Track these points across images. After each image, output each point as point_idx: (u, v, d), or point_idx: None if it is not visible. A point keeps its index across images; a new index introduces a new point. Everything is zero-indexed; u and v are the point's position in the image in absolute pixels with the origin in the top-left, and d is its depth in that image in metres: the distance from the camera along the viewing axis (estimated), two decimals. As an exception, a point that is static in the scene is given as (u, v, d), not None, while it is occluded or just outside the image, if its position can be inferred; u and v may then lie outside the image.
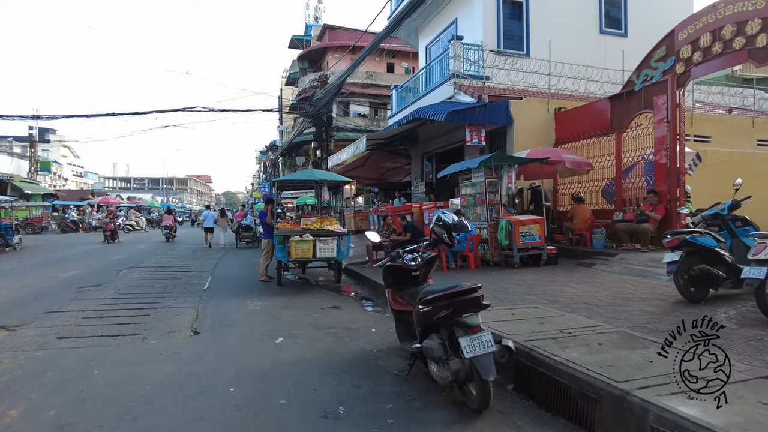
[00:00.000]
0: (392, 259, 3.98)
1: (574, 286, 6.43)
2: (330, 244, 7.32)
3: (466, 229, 3.99)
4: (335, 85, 15.54)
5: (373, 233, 4.49)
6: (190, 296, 7.25)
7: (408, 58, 34.75)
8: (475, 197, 8.80)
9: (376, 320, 5.64)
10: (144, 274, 9.75)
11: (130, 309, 6.24)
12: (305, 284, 8.48)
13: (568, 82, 12.07)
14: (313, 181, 8.25)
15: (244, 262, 12.17)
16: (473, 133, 11.15)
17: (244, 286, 8.33)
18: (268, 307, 6.42)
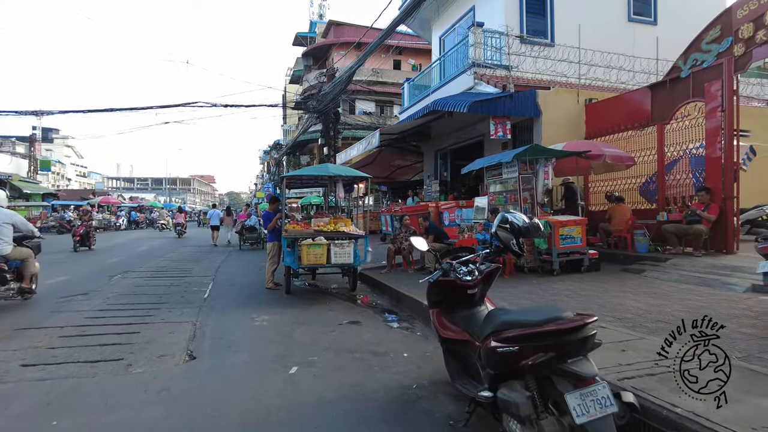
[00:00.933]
0: (444, 272, 3.08)
1: (634, 298, 5.52)
2: (346, 249, 6.43)
3: (539, 232, 3.09)
4: (344, 77, 14.65)
5: (420, 240, 3.59)
6: (188, 307, 6.38)
7: (415, 54, 34.01)
8: (506, 195, 7.89)
9: (406, 341, 4.74)
10: (139, 280, 8.89)
11: (118, 324, 5.36)
12: (317, 292, 7.59)
13: (598, 72, 11.15)
14: (325, 177, 7.35)
15: (248, 266, 11.30)
16: (498, 126, 10.24)
17: (248, 294, 7.45)
18: (277, 322, 5.53)
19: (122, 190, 78.05)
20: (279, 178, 7.51)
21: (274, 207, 8.01)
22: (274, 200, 8.12)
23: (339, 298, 7.02)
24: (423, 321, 5.47)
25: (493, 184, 8.25)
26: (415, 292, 6.33)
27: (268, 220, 7.79)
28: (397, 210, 12.21)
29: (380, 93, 32.11)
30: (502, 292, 6.06)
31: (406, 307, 6.13)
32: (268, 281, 7.81)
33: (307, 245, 6.35)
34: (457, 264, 3.10)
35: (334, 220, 7.30)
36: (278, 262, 7.90)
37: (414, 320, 5.58)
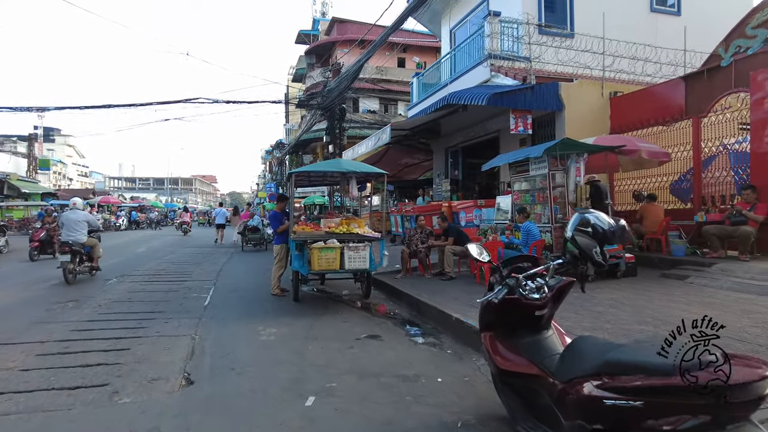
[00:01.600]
0: (510, 289, 2.44)
1: (688, 309, 4.87)
2: (361, 253, 5.79)
3: (626, 238, 2.45)
4: (351, 71, 14.02)
5: (478, 247, 2.93)
6: (186, 317, 5.76)
7: (420, 52, 33.44)
8: (534, 193, 7.25)
9: (436, 361, 4.10)
10: (136, 285, 8.27)
11: (107, 339, 4.74)
12: (327, 300, 6.96)
13: (623, 63, 10.49)
14: (337, 173, 6.71)
15: (251, 269, 10.68)
16: (518, 120, 9.59)
17: (253, 301, 6.82)
18: (287, 336, 4.90)
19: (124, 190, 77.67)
20: (287, 174, 6.72)
21: (281, 206, 7.37)
22: (282, 198, 7.48)
23: (352, 307, 6.39)
24: (451, 335, 4.85)
25: (518, 181, 7.61)
26: (438, 300, 5.70)
27: (275, 220, 7.16)
28: (408, 210, 11.57)
29: (385, 91, 31.49)
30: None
31: (428, 319, 5.49)
32: (274, 287, 7.19)
33: (318, 249, 5.72)
34: (523, 278, 2.47)
35: (346, 220, 6.67)
36: (285, 266, 7.28)
37: (440, 334, 4.95)
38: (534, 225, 6.70)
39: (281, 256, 7.18)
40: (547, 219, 6.99)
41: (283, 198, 7.53)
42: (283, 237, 7.20)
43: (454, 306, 5.36)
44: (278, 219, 7.21)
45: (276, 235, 7.21)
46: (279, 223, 7.17)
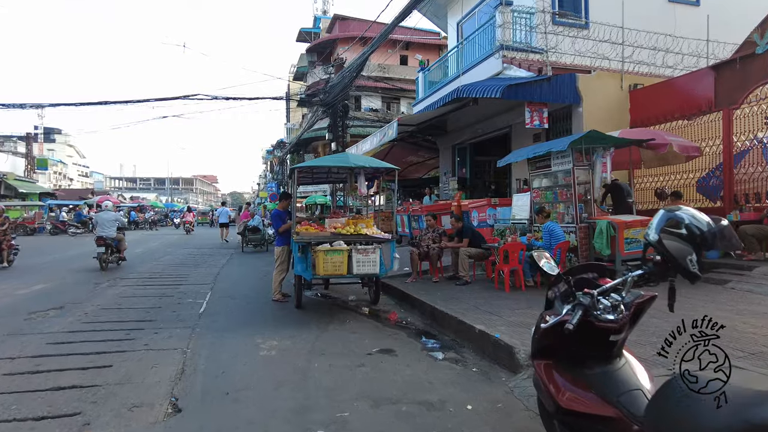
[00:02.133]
0: (584, 309, 1.89)
1: (739, 319, 4.35)
2: (371, 256, 5.26)
3: (733, 243, 1.92)
4: (355, 65, 13.49)
5: (543, 256, 2.33)
6: (179, 327, 5.24)
7: (422, 49, 32.99)
8: (556, 191, 6.71)
9: (462, 382, 3.57)
10: (127, 289, 7.75)
11: (87, 354, 4.22)
12: (332, 306, 6.42)
13: (642, 54, 9.94)
14: (344, 169, 6.16)
15: (251, 272, 10.16)
16: (533, 114, 9.04)
17: (252, 309, 6.29)
18: (289, 350, 4.36)
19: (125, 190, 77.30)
20: (290, 169, 6.15)
21: (285, 205, 6.84)
22: (285, 196, 6.94)
23: (360, 315, 5.85)
24: (473, 349, 4.32)
25: (538, 178, 7.07)
26: (456, 308, 5.17)
27: (278, 220, 6.62)
28: (415, 209, 11.03)
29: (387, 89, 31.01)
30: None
31: (446, 329, 4.95)
32: (275, 292, 6.66)
33: (323, 251, 5.18)
34: (598, 293, 1.92)
35: (353, 220, 6.14)
36: (287, 269, 6.75)
37: (461, 348, 4.41)
38: (557, 225, 6.16)
39: (282, 258, 6.65)
40: (571, 218, 6.45)
41: (287, 196, 7.00)
42: (284, 238, 6.67)
43: (474, 315, 4.83)
44: (281, 219, 6.67)
45: (277, 236, 6.68)
46: (281, 223, 6.64)
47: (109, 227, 10.28)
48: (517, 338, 3.95)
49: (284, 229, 6.56)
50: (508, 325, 4.41)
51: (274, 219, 6.81)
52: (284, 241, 6.69)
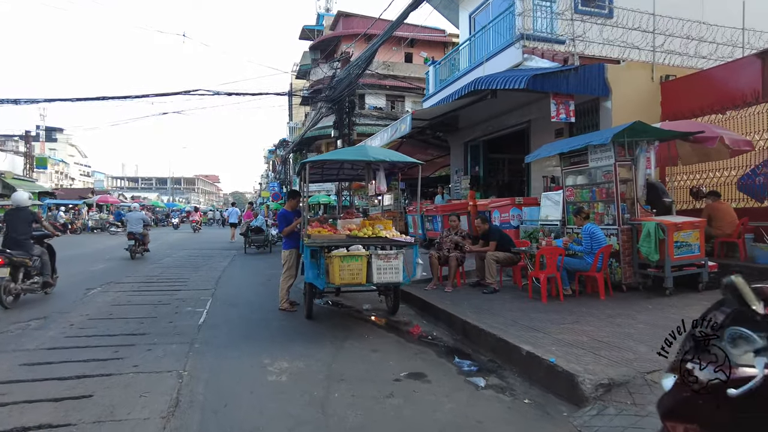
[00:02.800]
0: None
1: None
2: (393, 262, 4.61)
3: None
4: (363, 58, 12.84)
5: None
6: (174, 342, 4.61)
7: (427, 46, 32.45)
8: (594, 189, 6.05)
9: (515, 418, 2.93)
10: (121, 296, 7.13)
11: (64, 379, 3.58)
12: (346, 317, 5.79)
13: (674, 44, 9.28)
14: (362, 162, 5.45)
15: (254, 275, 9.53)
16: (559, 107, 8.39)
17: (257, 319, 5.66)
18: (302, 374, 3.73)
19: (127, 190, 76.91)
20: (300, 164, 5.44)
21: (293, 204, 6.21)
22: (293, 195, 6.29)
23: (379, 328, 5.21)
24: (518, 372, 3.68)
25: (572, 175, 6.41)
26: (491, 322, 4.52)
27: (285, 221, 5.99)
28: (429, 209, 10.38)
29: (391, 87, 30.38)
30: (613, 326, 4.23)
31: (481, 347, 4.31)
32: (283, 300, 6.03)
33: (339, 257, 4.54)
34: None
35: (369, 221, 5.49)
36: (296, 275, 6.12)
37: (503, 371, 3.77)
38: (597, 228, 5.51)
39: (291, 263, 6.01)
40: (612, 220, 5.79)
41: (295, 194, 6.35)
42: (292, 241, 6.04)
43: (516, 332, 4.18)
44: (288, 220, 6.03)
45: (285, 238, 6.05)
46: (287, 224, 6.00)
47: (137, 224, 12.71)
48: (576, 363, 3.31)
49: (289, 231, 5.92)
50: (558, 345, 3.77)
51: (281, 220, 6.17)
52: (292, 243, 6.05)
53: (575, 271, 5.53)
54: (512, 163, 14.83)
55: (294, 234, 6.03)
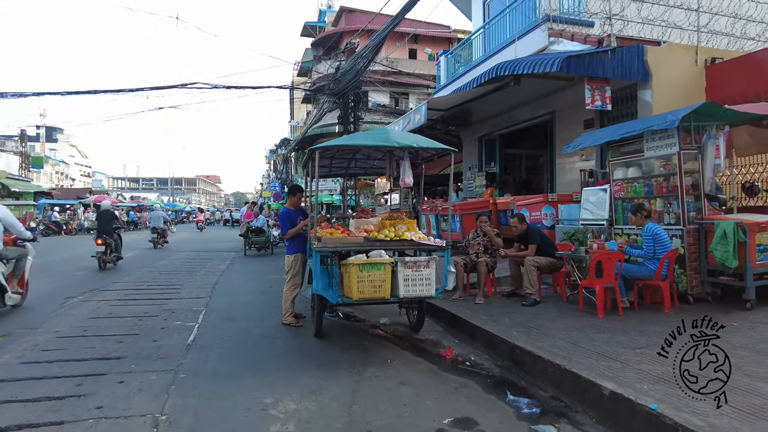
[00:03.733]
0: None
1: None
2: (424, 272, 3.73)
3: None
4: (371, 46, 11.95)
5: None
6: (155, 370, 3.74)
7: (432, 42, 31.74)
8: (650, 183, 5.16)
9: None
10: (103, 306, 6.27)
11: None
12: (361, 334, 4.91)
13: (720, 23, 8.39)
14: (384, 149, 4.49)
15: (254, 281, 8.66)
16: (594, 93, 7.52)
17: (256, 336, 4.79)
18: (315, 421, 2.85)
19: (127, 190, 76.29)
20: (308, 151, 4.51)
21: (295, 201, 5.34)
22: (295, 191, 5.41)
23: (402, 348, 4.33)
24: (596, 417, 2.79)
25: (622, 167, 5.52)
26: (548, 347, 3.64)
27: (287, 221, 5.12)
28: (446, 208, 9.47)
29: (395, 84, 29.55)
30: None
31: (537, 377, 3.42)
32: (287, 314, 5.16)
33: (357, 265, 3.65)
34: None
35: (390, 220, 4.61)
36: (301, 284, 5.25)
37: (573, 413, 2.89)
38: (661, 228, 4.62)
39: (296, 270, 5.14)
40: (675, 218, 4.90)
41: (297, 190, 5.47)
42: (297, 244, 5.17)
43: (582, 359, 3.30)
44: (290, 220, 5.16)
45: (289, 242, 5.18)
46: (290, 225, 5.13)
47: (158, 221, 15.76)
48: (689, 412, 2.43)
49: (294, 234, 5.05)
50: (647, 380, 2.89)
51: (283, 220, 5.29)
52: (297, 247, 5.18)
53: (634, 279, 4.65)
54: (528, 158, 13.98)
55: (299, 236, 5.17)
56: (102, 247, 9.74)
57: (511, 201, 8.76)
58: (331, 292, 4.06)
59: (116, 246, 10.39)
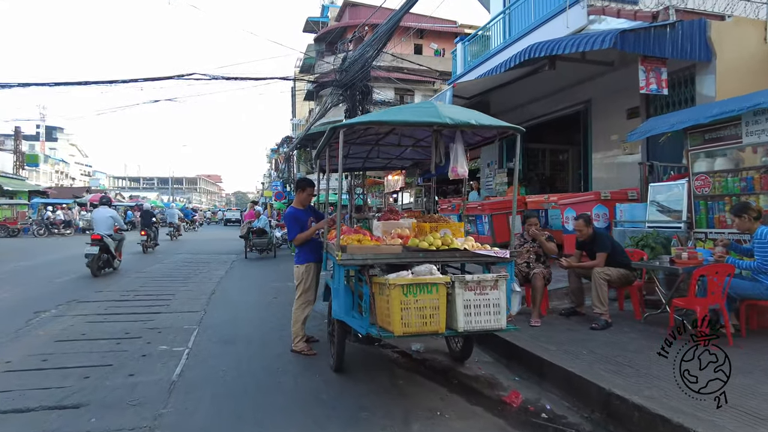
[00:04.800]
0: None
1: None
2: (492, 295, 2.71)
3: None
4: (382, 31, 10.94)
5: None
6: (122, 430, 2.73)
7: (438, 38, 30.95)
8: (748, 177, 4.14)
9: None
10: (77, 324, 5.27)
11: None
12: (391, 366, 3.90)
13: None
14: (433, 125, 3.25)
15: (256, 289, 7.66)
16: (650, 74, 6.50)
17: (259, 373, 3.78)
18: None
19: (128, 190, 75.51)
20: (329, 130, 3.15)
21: (304, 198, 4.34)
22: (304, 184, 4.38)
23: (450, 391, 3.31)
24: None
25: (705, 158, 4.51)
26: (660, 397, 2.61)
27: (295, 224, 4.13)
28: (472, 207, 8.49)
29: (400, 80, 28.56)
30: None
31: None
32: (297, 338, 4.16)
33: (401, 286, 2.63)
34: None
35: (431, 222, 3.60)
36: (314, 300, 4.26)
37: None
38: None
39: (307, 284, 4.15)
40: (789, 221, 3.88)
41: (307, 184, 4.45)
42: (308, 252, 4.18)
43: (728, 423, 2.28)
44: (299, 221, 4.17)
45: (299, 249, 4.18)
46: (298, 228, 4.14)
47: (173, 217, 19.16)
48: None
49: (305, 239, 4.06)
50: None
51: (290, 222, 4.26)
52: (309, 255, 4.18)
53: (744, 299, 3.63)
54: (551, 154, 12.96)
55: (311, 242, 4.17)
56: (144, 237, 13.19)
57: (539, 200, 7.75)
58: (357, 320, 3.06)
59: (154, 236, 13.87)
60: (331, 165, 5.49)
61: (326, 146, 3.64)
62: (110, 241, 8.80)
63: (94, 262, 8.43)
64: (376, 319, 2.91)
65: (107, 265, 8.98)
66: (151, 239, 13.52)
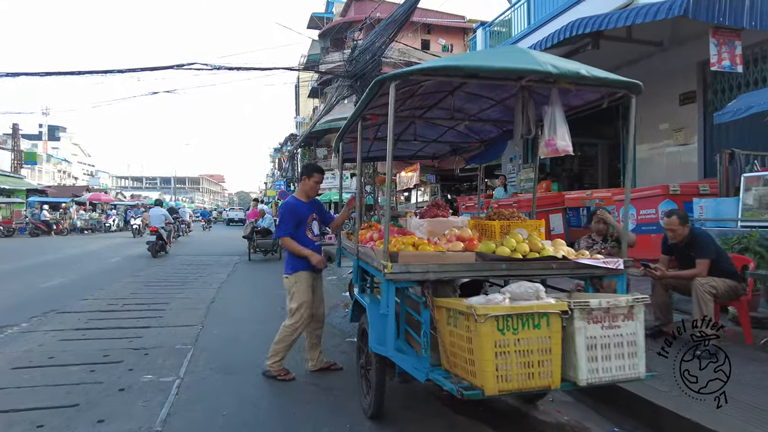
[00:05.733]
0: None
1: None
2: (625, 330, 1.79)
3: None
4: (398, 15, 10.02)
5: None
6: None
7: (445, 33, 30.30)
8: None
9: None
10: (49, 342, 4.39)
11: None
12: (440, 410, 2.97)
13: None
14: (532, 74, 2.11)
15: (261, 297, 6.76)
16: (722, 48, 5.56)
17: (267, 419, 2.88)
18: None
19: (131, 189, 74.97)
20: (375, 83, 2.17)
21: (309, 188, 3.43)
22: (312, 170, 3.47)
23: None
24: None
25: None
26: None
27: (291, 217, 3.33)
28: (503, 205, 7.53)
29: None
30: None
31: None
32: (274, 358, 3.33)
33: (495, 319, 1.69)
34: None
35: (505, 220, 2.69)
36: (310, 320, 3.38)
37: None
38: None
39: (303, 298, 3.32)
40: None
41: (315, 170, 3.50)
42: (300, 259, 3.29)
43: None
44: (296, 216, 3.37)
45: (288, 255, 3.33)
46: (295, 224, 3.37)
47: (185, 215, 19.85)
48: None
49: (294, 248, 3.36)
50: None
51: (285, 214, 3.42)
52: (300, 263, 3.31)
53: None
54: (579, 148, 12.03)
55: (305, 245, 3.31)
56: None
57: (586, 196, 6.82)
58: (412, 359, 2.13)
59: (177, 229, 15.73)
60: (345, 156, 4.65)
61: (358, 118, 2.70)
62: (163, 231, 11.60)
63: (153, 247, 11.24)
64: (441, 358, 1.98)
65: (162, 249, 11.66)
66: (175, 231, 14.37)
